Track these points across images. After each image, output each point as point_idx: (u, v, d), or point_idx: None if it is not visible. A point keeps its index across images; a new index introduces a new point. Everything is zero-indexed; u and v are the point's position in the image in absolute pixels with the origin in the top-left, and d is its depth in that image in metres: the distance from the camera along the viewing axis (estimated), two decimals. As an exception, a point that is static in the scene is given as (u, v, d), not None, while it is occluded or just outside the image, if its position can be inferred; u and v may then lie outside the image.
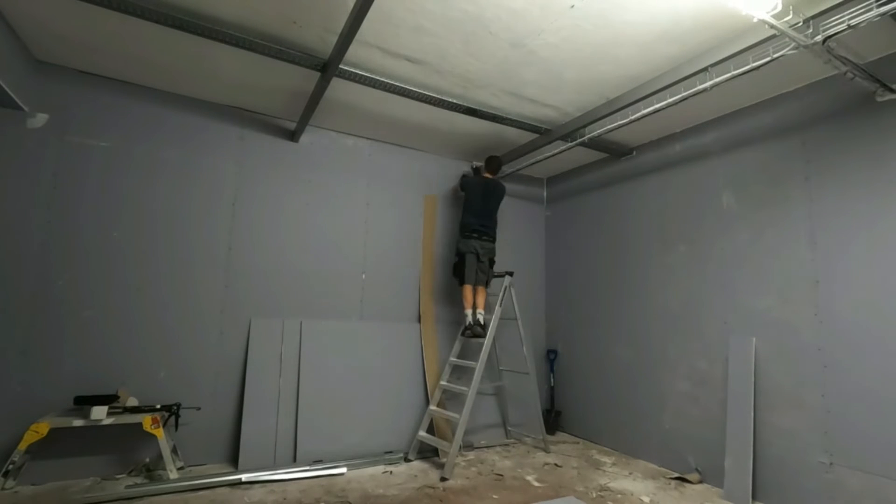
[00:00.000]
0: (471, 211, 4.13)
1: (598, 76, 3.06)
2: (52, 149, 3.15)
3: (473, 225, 4.09)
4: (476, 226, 4.09)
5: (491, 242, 4.15)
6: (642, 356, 3.96)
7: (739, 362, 3.18)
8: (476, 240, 4.07)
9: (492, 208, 4.19)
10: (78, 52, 3.02)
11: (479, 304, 4.04)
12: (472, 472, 3.45)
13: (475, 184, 4.22)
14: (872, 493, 2.53)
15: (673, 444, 3.62)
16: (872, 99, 2.68)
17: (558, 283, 5.04)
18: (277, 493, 2.92)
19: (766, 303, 3.11)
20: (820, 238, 2.88)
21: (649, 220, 4.03)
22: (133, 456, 3.14)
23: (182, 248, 3.47)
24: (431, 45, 2.79)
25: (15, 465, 2.73)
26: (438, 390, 3.92)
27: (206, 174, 3.61)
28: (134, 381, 3.21)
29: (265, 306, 3.70)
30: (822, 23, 2.19)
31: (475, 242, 4.06)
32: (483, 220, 4.12)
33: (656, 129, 3.85)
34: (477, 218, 4.11)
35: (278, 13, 2.55)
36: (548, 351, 5.00)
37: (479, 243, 4.07)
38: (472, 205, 4.15)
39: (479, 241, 4.08)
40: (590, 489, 3.15)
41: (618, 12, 2.43)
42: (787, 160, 3.08)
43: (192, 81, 3.36)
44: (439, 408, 3.86)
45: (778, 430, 2.97)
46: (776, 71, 2.68)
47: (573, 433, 4.60)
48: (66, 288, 3.10)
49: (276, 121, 3.93)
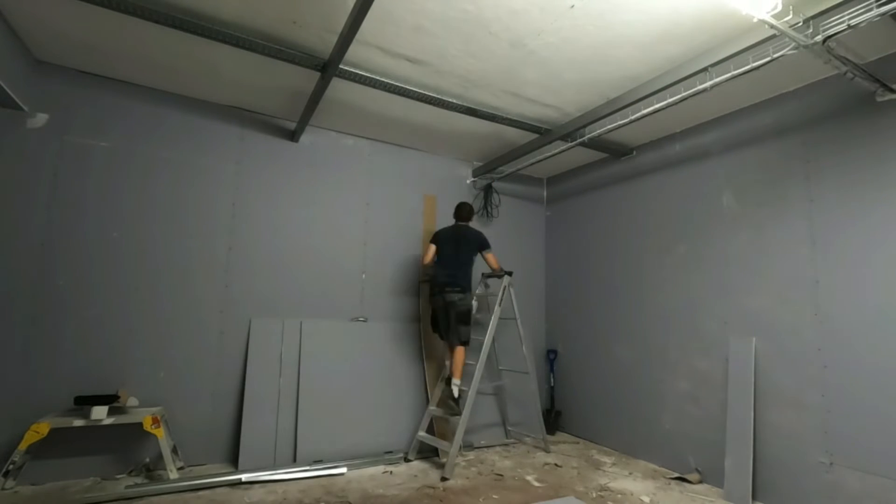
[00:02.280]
0: (440, 263, 3.82)
1: (598, 76, 3.06)
2: (53, 149, 3.15)
3: (439, 277, 3.76)
4: (442, 278, 3.74)
5: (458, 293, 3.68)
6: (642, 356, 3.96)
7: (739, 362, 3.18)
8: (438, 294, 3.73)
9: (463, 259, 3.81)
10: (78, 52, 3.02)
11: (454, 370, 3.63)
12: (472, 472, 3.45)
13: (445, 235, 3.91)
14: (872, 493, 2.53)
15: (673, 444, 3.62)
16: (872, 99, 2.68)
17: (558, 282, 5.04)
18: (277, 493, 2.92)
19: (767, 303, 3.11)
20: (820, 238, 2.88)
21: (649, 220, 4.03)
22: (133, 456, 3.14)
23: (182, 248, 3.47)
24: (431, 45, 2.79)
25: (15, 465, 2.73)
26: (438, 390, 3.92)
27: (206, 174, 3.61)
28: (134, 381, 3.21)
29: (265, 306, 3.70)
30: (822, 23, 2.19)
31: (438, 298, 3.75)
32: (451, 271, 3.75)
33: (656, 129, 3.85)
34: (444, 269, 3.77)
35: (278, 13, 2.55)
36: (548, 351, 5.00)
37: (442, 297, 3.70)
38: (441, 258, 3.83)
39: (442, 294, 3.70)
40: (590, 489, 3.15)
41: (618, 12, 2.43)
42: (787, 160, 3.08)
43: (192, 81, 3.36)
44: (439, 407, 3.86)
45: (778, 430, 2.97)
46: (776, 71, 2.68)
47: (573, 433, 4.60)
48: (66, 288, 3.11)
49: (276, 121, 3.93)
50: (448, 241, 3.87)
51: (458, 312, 3.67)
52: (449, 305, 3.68)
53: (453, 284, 3.71)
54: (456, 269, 3.76)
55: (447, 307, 3.69)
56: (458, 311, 3.67)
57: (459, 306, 3.68)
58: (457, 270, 3.76)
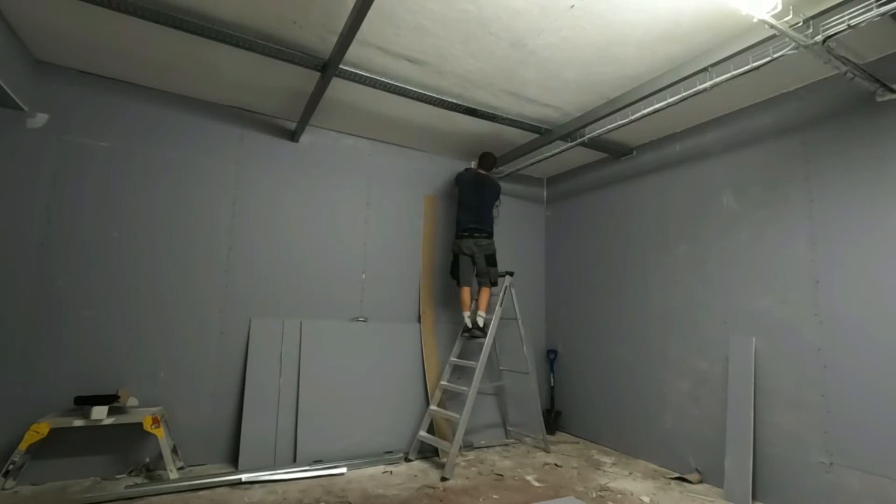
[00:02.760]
0: (464, 207, 4.00)
1: (598, 76, 3.06)
2: (52, 149, 3.15)
3: (465, 223, 3.95)
4: (468, 223, 3.94)
5: (486, 238, 3.96)
6: (642, 356, 3.96)
7: (739, 362, 3.18)
8: (468, 238, 3.92)
9: (486, 204, 4.04)
10: (78, 52, 3.02)
11: (481, 304, 3.93)
12: (473, 472, 3.45)
13: (468, 179, 4.10)
14: (872, 493, 2.53)
15: (673, 444, 3.62)
16: (872, 99, 2.68)
17: (558, 283, 5.04)
18: (277, 494, 2.92)
19: (766, 303, 3.11)
20: (820, 238, 2.88)
21: (649, 220, 4.03)
22: (133, 456, 3.14)
23: (182, 248, 3.47)
24: (431, 45, 2.79)
25: (15, 465, 2.73)
26: (439, 390, 3.92)
27: (206, 174, 3.61)
28: (134, 381, 3.21)
29: (265, 306, 3.70)
30: (822, 23, 2.19)
31: (468, 241, 3.92)
32: (476, 217, 3.96)
33: (656, 129, 3.85)
34: (469, 214, 3.96)
35: (278, 13, 2.55)
36: (548, 351, 5.00)
37: (473, 241, 3.92)
38: (464, 201, 4.02)
39: (472, 238, 3.91)
40: (590, 489, 3.15)
41: (618, 12, 2.43)
42: (787, 160, 3.08)
43: (192, 81, 3.36)
44: (440, 408, 3.86)
45: (778, 430, 2.97)
46: (776, 71, 2.68)
47: (573, 433, 4.60)
48: (65, 288, 3.11)
49: (276, 121, 3.93)
50: (470, 186, 4.03)
51: (488, 255, 3.94)
52: (480, 249, 3.91)
53: (482, 230, 3.94)
54: (480, 216, 3.96)
55: (476, 252, 3.90)
56: (488, 253, 3.94)
57: (489, 249, 3.95)
58: (481, 216, 3.97)
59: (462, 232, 3.94)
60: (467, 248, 3.90)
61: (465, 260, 3.91)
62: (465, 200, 4.01)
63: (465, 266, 3.92)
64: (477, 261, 3.93)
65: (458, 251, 3.94)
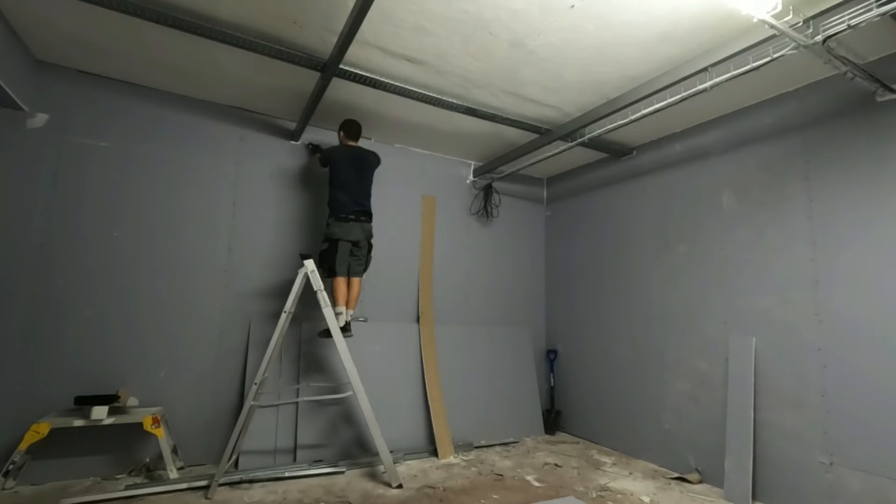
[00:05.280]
0: (343, 188, 3.46)
1: (598, 76, 3.06)
2: (52, 149, 3.14)
3: (349, 206, 3.44)
4: (353, 206, 3.45)
5: (370, 223, 3.55)
6: (642, 356, 3.96)
7: (739, 362, 3.18)
8: (354, 222, 3.44)
9: (368, 182, 3.59)
10: (78, 52, 3.02)
11: (352, 299, 3.51)
12: (472, 472, 3.45)
13: (342, 155, 3.54)
14: (872, 493, 2.53)
15: (673, 444, 3.62)
16: (872, 99, 2.68)
17: (558, 282, 5.04)
18: (277, 494, 2.92)
19: (766, 303, 3.11)
20: (820, 238, 2.88)
21: (649, 220, 4.03)
22: (133, 456, 3.14)
23: (182, 248, 3.47)
24: (431, 45, 2.79)
25: (15, 465, 2.73)
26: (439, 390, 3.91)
27: (206, 174, 3.61)
28: (134, 381, 3.21)
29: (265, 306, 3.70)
30: (822, 23, 2.19)
31: (355, 227, 3.45)
32: (359, 199, 3.49)
33: (656, 129, 3.85)
34: (351, 195, 3.46)
35: (278, 13, 2.55)
36: (548, 351, 5.00)
37: (360, 227, 3.48)
38: (343, 180, 3.47)
39: (359, 223, 3.47)
40: (590, 489, 3.15)
41: (618, 13, 2.43)
42: (788, 160, 3.08)
43: (192, 81, 3.36)
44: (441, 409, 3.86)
45: (778, 430, 2.97)
46: (776, 71, 2.68)
47: (573, 433, 4.59)
48: (66, 288, 3.10)
49: (276, 121, 3.93)
50: (348, 163, 3.52)
51: (370, 242, 3.61)
52: (367, 235, 3.54)
53: (367, 214, 3.54)
54: (363, 197, 3.54)
55: (364, 237, 3.52)
56: (370, 240, 3.60)
57: (371, 235, 3.60)
58: (364, 198, 3.55)
59: (347, 216, 3.43)
60: (354, 234, 3.46)
61: (345, 247, 3.43)
62: (344, 180, 3.48)
63: (344, 253, 3.43)
64: (361, 248, 3.53)
65: (341, 236, 3.42)
